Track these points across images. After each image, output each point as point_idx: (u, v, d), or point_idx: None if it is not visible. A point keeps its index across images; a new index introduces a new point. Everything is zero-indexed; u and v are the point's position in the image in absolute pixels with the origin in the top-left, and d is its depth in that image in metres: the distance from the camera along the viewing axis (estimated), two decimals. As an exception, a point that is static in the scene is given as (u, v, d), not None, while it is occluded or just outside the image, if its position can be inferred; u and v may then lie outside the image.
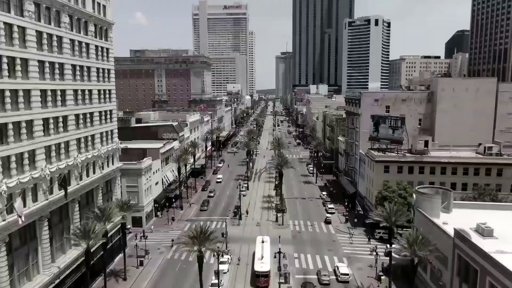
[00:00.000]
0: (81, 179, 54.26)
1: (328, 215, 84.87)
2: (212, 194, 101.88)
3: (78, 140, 53.80)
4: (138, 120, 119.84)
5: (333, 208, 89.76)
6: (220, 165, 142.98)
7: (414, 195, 56.35)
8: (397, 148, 79.10)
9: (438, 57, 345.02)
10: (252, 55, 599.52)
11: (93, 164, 58.52)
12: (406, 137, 78.76)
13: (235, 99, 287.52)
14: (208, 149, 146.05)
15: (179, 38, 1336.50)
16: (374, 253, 59.47)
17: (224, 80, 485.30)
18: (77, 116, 53.50)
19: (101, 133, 61.08)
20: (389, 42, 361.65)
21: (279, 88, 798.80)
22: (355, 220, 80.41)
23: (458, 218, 49.75)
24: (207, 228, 49.13)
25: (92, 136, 58.12)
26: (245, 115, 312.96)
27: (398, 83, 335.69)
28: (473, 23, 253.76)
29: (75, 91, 53.18)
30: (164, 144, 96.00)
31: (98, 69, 59.85)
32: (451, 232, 44.20)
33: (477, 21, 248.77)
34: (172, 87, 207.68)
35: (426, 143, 79.83)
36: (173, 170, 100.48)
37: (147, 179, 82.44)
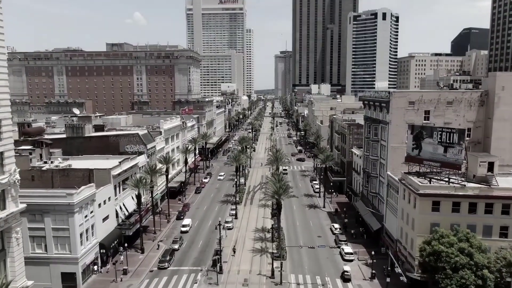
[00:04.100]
0: None
1: (346, 267, 59.24)
2: (176, 246, 68.19)
3: None
4: (99, 128, 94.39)
5: (351, 254, 64.46)
6: (206, 180, 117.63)
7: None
8: (449, 173, 53.76)
9: (450, 55, 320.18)
10: (250, 54, 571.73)
11: None
12: (465, 158, 53.49)
13: (230, 100, 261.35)
14: (193, 160, 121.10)
15: (179, 37, 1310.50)
16: None
17: (219, 79, 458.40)
18: None
19: (-30, 161, 35.82)
20: (397, 38, 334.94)
21: (278, 88, 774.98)
22: (388, 279, 54.89)
23: None
24: None
25: None
26: (241, 117, 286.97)
27: (407, 83, 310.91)
28: (493, 19, 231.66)
29: None
30: (120, 162, 70.48)
31: (-40, 50, 34.62)
32: None
33: (498, 17, 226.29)
34: (154, 86, 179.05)
35: (491, 166, 54.46)
36: (134, 197, 74.97)
37: (86, 216, 57.02)
